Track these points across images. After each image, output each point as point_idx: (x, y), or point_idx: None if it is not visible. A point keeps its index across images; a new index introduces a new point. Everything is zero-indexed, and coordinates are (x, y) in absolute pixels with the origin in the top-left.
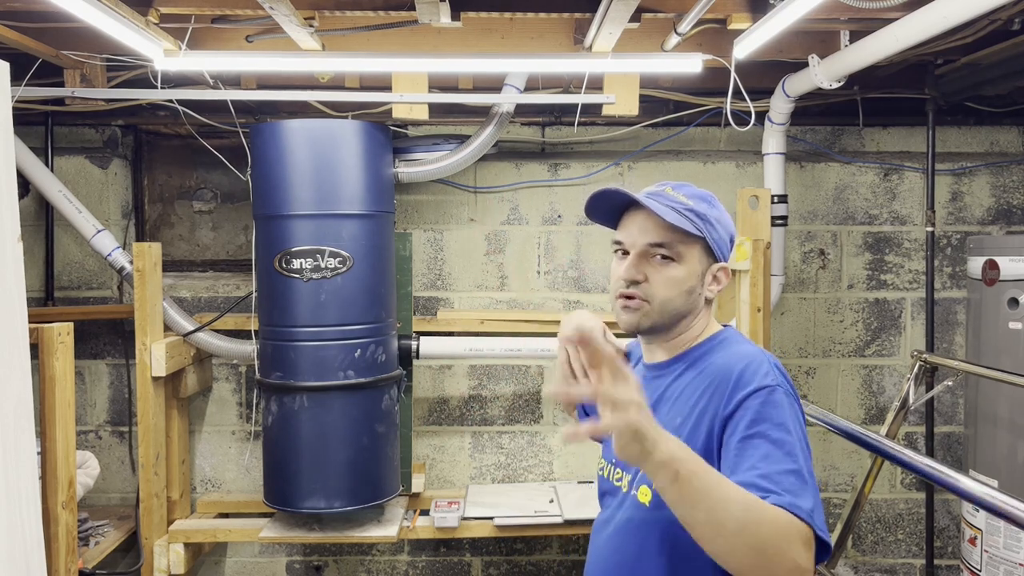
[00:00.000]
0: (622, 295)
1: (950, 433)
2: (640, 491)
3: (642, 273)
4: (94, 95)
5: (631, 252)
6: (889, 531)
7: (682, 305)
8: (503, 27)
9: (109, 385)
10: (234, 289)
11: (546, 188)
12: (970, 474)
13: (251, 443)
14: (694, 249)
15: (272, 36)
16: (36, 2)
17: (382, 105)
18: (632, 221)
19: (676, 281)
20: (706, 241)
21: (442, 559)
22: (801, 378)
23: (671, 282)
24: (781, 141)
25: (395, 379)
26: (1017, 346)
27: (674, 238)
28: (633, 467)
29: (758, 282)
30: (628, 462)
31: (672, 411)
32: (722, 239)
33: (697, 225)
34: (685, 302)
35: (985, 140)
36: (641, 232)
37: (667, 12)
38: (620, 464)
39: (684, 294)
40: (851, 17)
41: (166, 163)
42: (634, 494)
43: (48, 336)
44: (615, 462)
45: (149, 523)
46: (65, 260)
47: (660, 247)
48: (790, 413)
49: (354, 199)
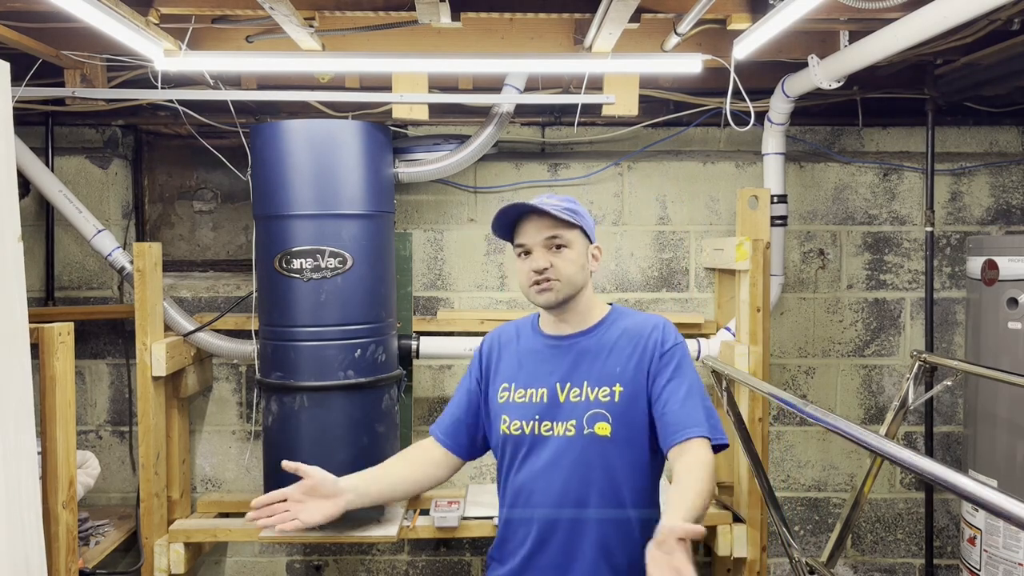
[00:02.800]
0: (536, 282)
1: (949, 433)
2: (598, 427)
3: (548, 261)
4: (94, 95)
5: (533, 249)
6: (888, 531)
7: (580, 279)
8: (503, 27)
9: (109, 385)
10: (234, 289)
11: (546, 188)
12: (969, 474)
13: (251, 443)
14: (576, 235)
15: (272, 36)
16: (36, 2)
17: (382, 105)
18: (527, 227)
19: (572, 260)
20: (583, 228)
21: (442, 559)
22: (801, 378)
23: (569, 262)
24: (781, 141)
25: (395, 379)
26: (1016, 346)
27: (563, 230)
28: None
29: (758, 282)
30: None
31: (609, 361)
32: (591, 225)
33: (574, 218)
34: (581, 276)
35: (984, 140)
36: (537, 232)
37: (667, 12)
38: (548, 417)
39: (580, 269)
40: (851, 17)
41: (166, 163)
42: (591, 431)
43: (48, 336)
44: (539, 418)
45: (149, 523)
46: (65, 260)
47: (555, 239)
48: (691, 362)
49: (354, 199)
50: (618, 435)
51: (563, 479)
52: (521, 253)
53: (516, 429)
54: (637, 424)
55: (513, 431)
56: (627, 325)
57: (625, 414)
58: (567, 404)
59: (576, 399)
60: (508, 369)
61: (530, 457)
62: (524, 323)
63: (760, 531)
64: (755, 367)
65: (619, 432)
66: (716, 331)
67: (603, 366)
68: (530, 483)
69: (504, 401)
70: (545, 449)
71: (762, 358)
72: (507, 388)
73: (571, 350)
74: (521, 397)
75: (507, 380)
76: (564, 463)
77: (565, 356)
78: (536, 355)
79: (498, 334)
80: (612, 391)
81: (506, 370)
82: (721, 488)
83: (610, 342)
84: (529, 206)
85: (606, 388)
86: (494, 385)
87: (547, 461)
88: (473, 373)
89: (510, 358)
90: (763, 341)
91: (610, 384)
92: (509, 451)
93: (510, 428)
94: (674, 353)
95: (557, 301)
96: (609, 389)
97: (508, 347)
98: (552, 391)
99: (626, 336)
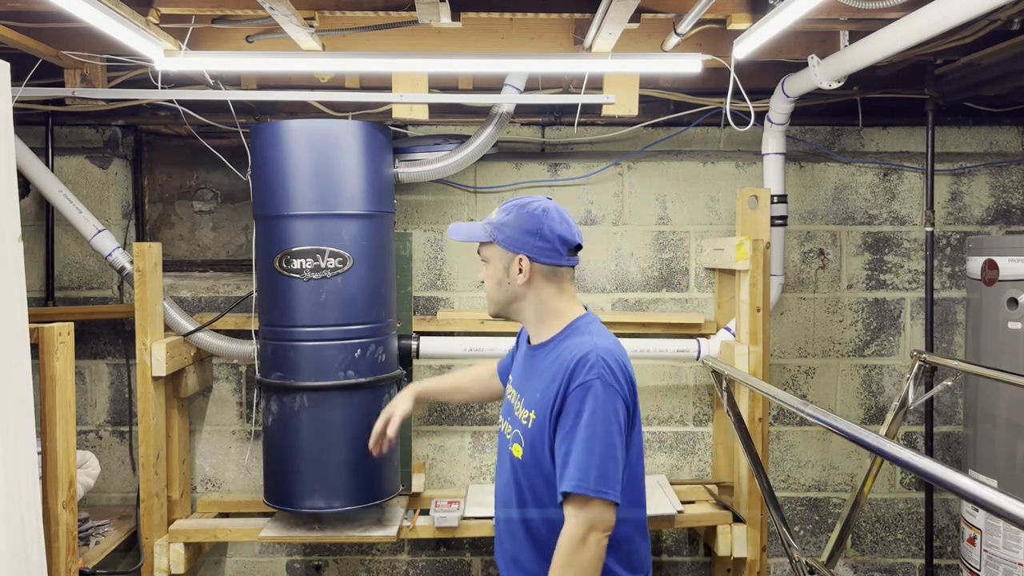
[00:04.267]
0: None
1: (949, 433)
2: (514, 448)
3: (482, 277)
4: (94, 95)
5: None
6: (888, 531)
7: (499, 294)
8: (503, 27)
9: (109, 385)
10: (234, 289)
11: (546, 188)
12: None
13: (251, 443)
14: (493, 250)
15: (272, 36)
16: (36, 2)
17: (382, 105)
18: None
19: (489, 276)
20: (499, 242)
21: (442, 559)
22: (801, 378)
23: (488, 278)
24: (781, 141)
25: (395, 379)
26: (1016, 346)
27: (482, 247)
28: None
29: (758, 282)
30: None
31: (537, 384)
32: (511, 237)
33: (488, 231)
34: (500, 291)
35: (984, 140)
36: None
37: (667, 12)
38: (508, 419)
39: (496, 285)
40: (851, 17)
41: (166, 163)
42: (510, 449)
43: (48, 336)
44: (506, 419)
45: (149, 523)
46: (65, 260)
47: (480, 255)
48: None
49: (354, 199)
50: (527, 459)
51: (503, 482)
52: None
53: (499, 424)
54: (541, 455)
55: (500, 425)
56: (562, 349)
57: (535, 442)
58: (517, 412)
59: (518, 412)
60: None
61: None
62: None
63: (760, 531)
64: (755, 367)
65: (527, 456)
66: (716, 331)
67: (534, 387)
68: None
69: (504, 398)
70: (503, 449)
71: (762, 358)
72: (510, 382)
73: (531, 361)
74: (508, 395)
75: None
76: (505, 468)
77: (527, 366)
78: (520, 359)
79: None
80: (528, 416)
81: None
82: (721, 488)
83: (545, 363)
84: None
85: (526, 411)
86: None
87: (499, 461)
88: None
89: (518, 355)
90: (763, 341)
91: (529, 408)
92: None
93: (500, 423)
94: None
95: (493, 314)
96: (527, 412)
97: (520, 341)
98: (515, 397)
99: (556, 362)
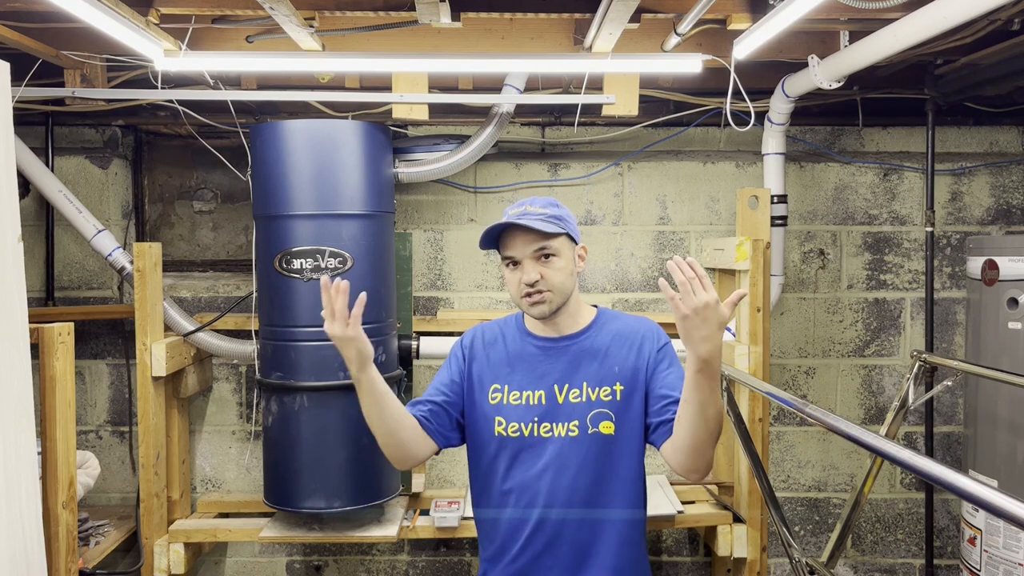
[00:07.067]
0: (528, 295)
1: (950, 433)
2: (603, 426)
3: (538, 273)
4: (94, 95)
5: (522, 261)
6: (889, 531)
7: (569, 285)
8: (503, 27)
9: (109, 385)
10: (234, 289)
11: (546, 188)
12: (969, 474)
13: (251, 443)
14: (563, 242)
15: (272, 36)
16: (36, 2)
17: (382, 105)
18: (514, 239)
19: (561, 268)
20: (568, 234)
21: (442, 559)
22: (801, 378)
23: (558, 271)
24: (781, 141)
25: (395, 379)
26: (1017, 346)
27: (549, 240)
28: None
29: (758, 282)
30: (712, 351)
31: (607, 361)
32: (575, 228)
33: (559, 225)
34: (571, 282)
35: (984, 140)
36: (525, 244)
37: (667, 12)
38: (547, 419)
39: (568, 276)
40: (851, 17)
41: (166, 163)
42: (596, 430)
43: (48, 336)
44: (538, 420)
45: (149, 523)
46: (65, 260)
47: (543, 249)
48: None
49: (354, 199)
50: (620, 433)
51: (570, 478)
52: (509, 263)
53: (514, 431)
54: (635, 422)
55: (511, 433)
56: (619, 327)
57: (626, 412)
58: (567, 405)
59: (576, 400)
60: (497, 371)
61: (527, 458)
62: (508, 323)
63: (760, 531)
64: (755, 367)
65: (621, 430)
66: None
67: (601, 367)
68: (533, 483)
69: (497, 403)
70: (544, 450)
71: (762, 358)
72: (499, 390)
73: (566, 352)
74: (516, 399)
75: (498, 382)
76: (570, 463)
77: (560, 358)
78: (529, 358)
79: (481, 332)
80: (613, 390)
81: (495, 372)
82: (721, 488)
83: (605, 343)
84: (515, 223)
85: (607, 388)
86: (481, 386)
87: (547, 462)
88: (454, 367)
89: (498, 359)
90: (763, 341)
91: (611, 383)
92: (505, 453)
93: (507, 430)
94: (666, 350)
95: (552, 311)
96: (610, 388)
97: (494, 347)
98: (550, 393)
99: (620, 338)
